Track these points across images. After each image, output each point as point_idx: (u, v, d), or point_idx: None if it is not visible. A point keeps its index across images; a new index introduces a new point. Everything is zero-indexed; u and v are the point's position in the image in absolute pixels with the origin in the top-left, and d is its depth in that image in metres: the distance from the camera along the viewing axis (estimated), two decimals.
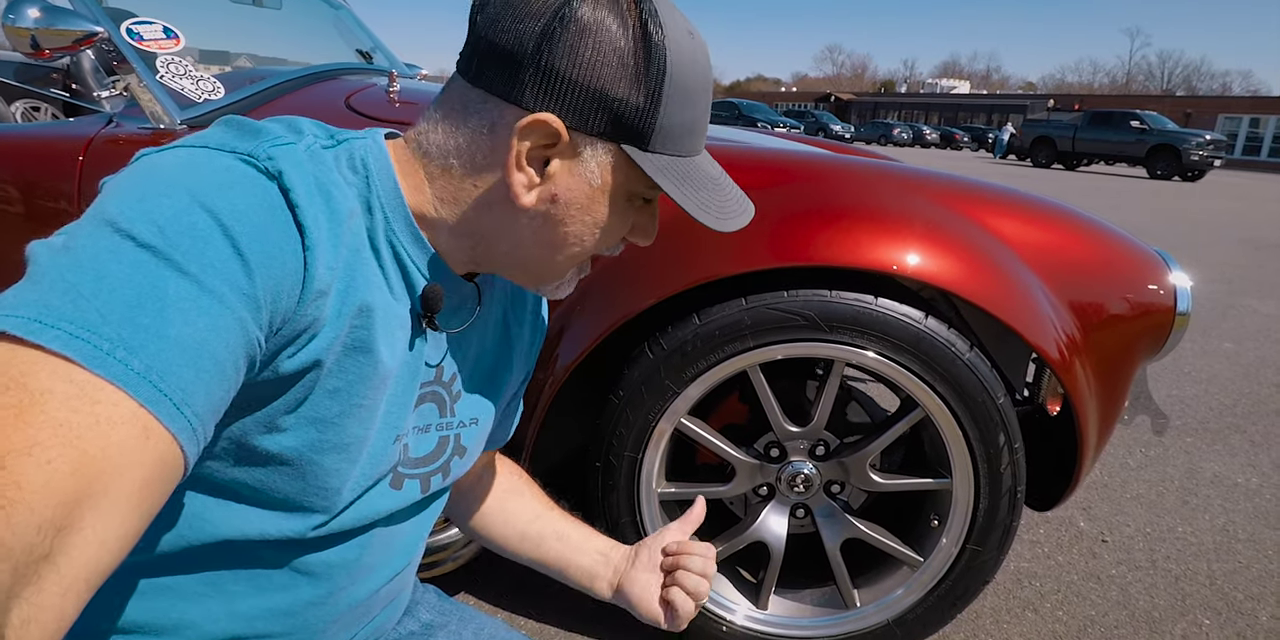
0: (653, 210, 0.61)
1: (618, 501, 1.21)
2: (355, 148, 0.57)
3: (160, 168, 0.47)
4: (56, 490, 0.34)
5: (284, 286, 0.47)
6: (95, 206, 0.44)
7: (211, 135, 0.51)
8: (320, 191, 0.51)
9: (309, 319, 0.49)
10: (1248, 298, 4.83)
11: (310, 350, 0.50)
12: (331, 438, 0.54)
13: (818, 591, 1.33)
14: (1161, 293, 1.25)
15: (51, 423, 0.35)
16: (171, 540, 0.54)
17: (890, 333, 1.12)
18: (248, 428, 0.51)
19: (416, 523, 0.68)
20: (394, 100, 1.57)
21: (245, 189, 0.47)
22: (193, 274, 0.42)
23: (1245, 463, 2.35)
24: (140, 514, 0.39)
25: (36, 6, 1.23)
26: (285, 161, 0.49)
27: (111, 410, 0.37)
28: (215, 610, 0.57)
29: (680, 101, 0.55)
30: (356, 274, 0.52)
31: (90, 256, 0.40)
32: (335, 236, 0.51)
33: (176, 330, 0.40)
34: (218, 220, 0.44)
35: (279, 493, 0.54)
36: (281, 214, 0.47)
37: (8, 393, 0.35)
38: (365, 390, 0.54)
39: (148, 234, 0.42)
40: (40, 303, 0.38)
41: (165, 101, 1.33)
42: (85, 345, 0.37)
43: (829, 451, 1.25)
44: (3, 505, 0.32)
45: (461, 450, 0.68)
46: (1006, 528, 1.20)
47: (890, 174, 1.29)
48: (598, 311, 1.15)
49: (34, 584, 0.33)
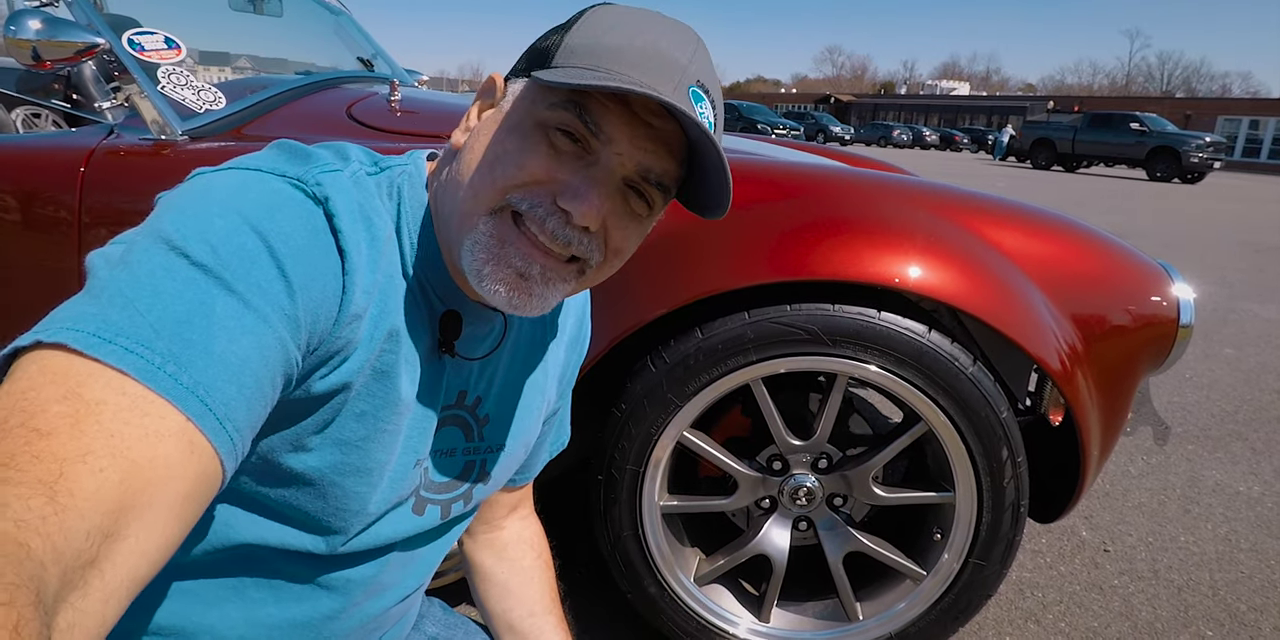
0: (589, 172, 0.52)
1: (620, 515, 1.21)
2: (396, 175, 0.58)
3: (215, 188, 0.49)
4: (106, 498, 0.35)
5: (323, 308, 0.48)
6: (152, 222, 0.46)
7: (264, 158, 0.53)
8: (362, 218, 0.52)
9: (343, 341, 0.51)
10: (1248, 302, 4.83)
11: (342, 372, 0.51)
12: (355, 461, 0.55)
13: (820, 604, 1.32)
14: (1164, 305, 1.25)
15: (104, 433, 0.36)
16: (196, 544, 0.55)
17: (893, 347, 1.12)
18: (275, 445, 0.53)
19: (434, 547, 0.69)
20: (395, 109, 1.56)
21: (293, 212, 0.48)
22: (240, 293, 0.44)
23: (1247, 471, 2.34)
24: (180, 525, 0.40)
25: (38, 18, 1.23)
26: (332, 187, 0.51)
27: (160, 423, 0.38)
28: (234, 616, 0.58)
29: (594, 26, 0.54)
30: (389, 299, 0.54)
31: (147, 272, 0.43)
32: (373, 262, 0.52)
33: (222, 347, 0.42)
34: (266, 242, 0.46)
35: (301, 510, 0.56)
36: (325, 238, 0.49)
37: (65, 402, 0.36)
38: (389, 415, 0.55)
39: (200, 253, 0.44)
40: (99, 317, 0.40)
41: (167, 112, 1.33)
42: (139, 359, 0.39)
43: (831, 464, 1.25)
44: (56, 511, 0.33)
45: (485, 476, 0.68)
46: (1009, 542, 1.20)
47: (891, 187, 1.28)
48: (600, 325, 1.15)
49: (80, 589, 0.33)
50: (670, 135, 0.53)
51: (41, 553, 0.31)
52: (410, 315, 0.55)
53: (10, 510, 0.31)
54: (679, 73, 0.52)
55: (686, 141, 0.54)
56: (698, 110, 0.52)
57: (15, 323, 0.40)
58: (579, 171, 0.52)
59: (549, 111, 0.52)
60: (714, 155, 0.53)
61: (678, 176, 0.56)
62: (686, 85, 0.52)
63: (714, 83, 0.56)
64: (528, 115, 0.53)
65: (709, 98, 0.54)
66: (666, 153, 0.54)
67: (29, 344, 0.39)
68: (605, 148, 0.52)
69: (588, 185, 0.52)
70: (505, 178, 0.52)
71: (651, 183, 0.54)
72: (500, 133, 0.54)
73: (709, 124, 0.53)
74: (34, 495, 0.32)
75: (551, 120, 0.52)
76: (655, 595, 1.24)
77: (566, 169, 0.52)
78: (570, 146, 0.52)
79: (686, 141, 0.54)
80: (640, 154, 0.53)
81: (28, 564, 0.30)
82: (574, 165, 0.52)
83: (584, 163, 0.53)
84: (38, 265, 1.28)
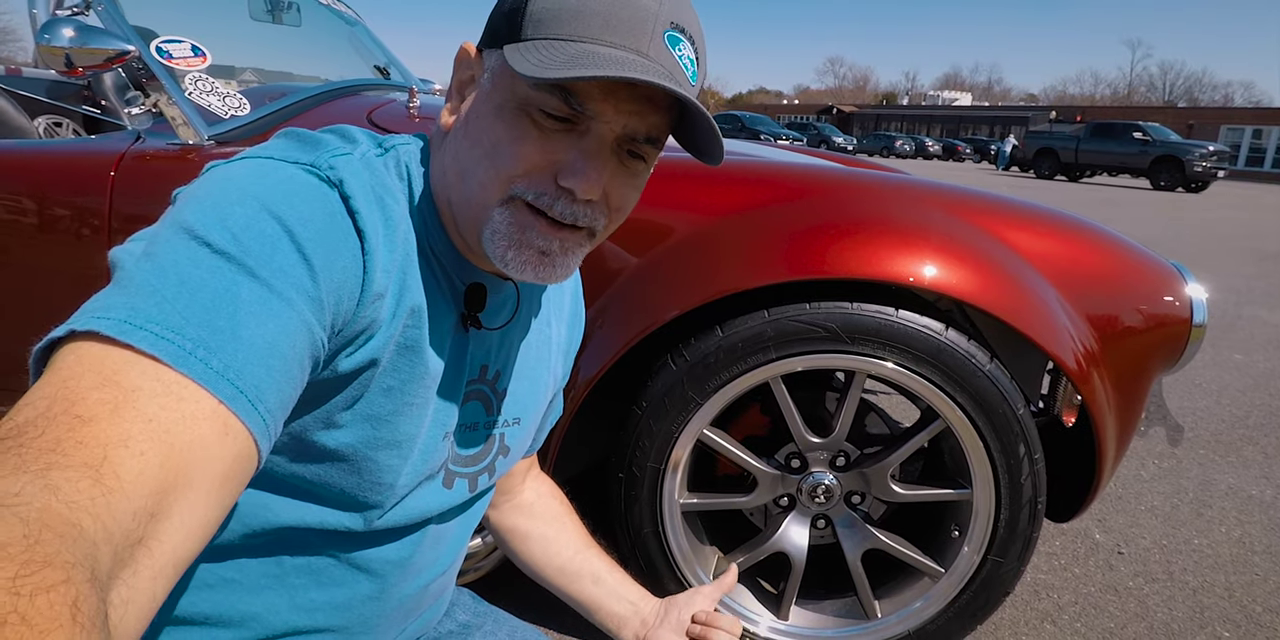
0: (582, 146, 0.53)
1: (640, 512, 1.22)
2: (401, 154, 0.60)
3: (231, 178, 0.50)
4: (150, 480, 0.36)
5: (345, 289, 0.49)
6: (172, 215, 0.47)
7: (275, 147, 0.54)
8: (376, 198, 0.53)
9: (367, 320, 0.52)
10: (1256, 308, 4.83)
11: (367, 350, 0.53)
12: (385, 435, 0.56)
13: (839, 602, 1.33)
14: (1177, 304, 1.26)
15: (142, 417, 0.37)
16: (236, 530, 0.56)
17: (912, 344, 1.13)
18: (307, 424, 0.54)
19: (462, 522, 0.71)
20: (414, 115, 1.59)
21: (310, 197, 0.49)
22: (263, 278, 0.45)
23: (1259, 474, 2.34)
24: (220, 505, 0.41)
25: (71, 26, 1.26)
26: (345, 170, 0.52)
27: (194, 407, 0.39)
28: (277, 603, 0.59)
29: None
30: (408, 276, 0.55)
31: (171, 262, 0.43)
32: (390, 241, 0.53)
33: (249, 332, 0.43)
34: (285, 227, 0.47)
35: (336, 487, 0.57)
36: (343, 221, 0.50)
37: (103, 389, 0.37)
38: (417, 389, 0.57)
39: (222, 240, 0.45)
40: (129, 306, 0.41)
41: (193, 118, 1.36)
42: (170, 345, 0.40)
43: (849, 462, 1.26)
44: (104, 492, 0.34)
45: (505, 449, 0.70)
46: (1027, 539, 1.21)
47: (906, 187, 1.30)
48: (620, 323, 1.17)
49: (130, 567, 0.34)
50: (653, 90, 0.53)
51: (94, 532, 0.32)
52: (430, 290, 0.57)
53: (61, 492, 0.32)
54: (651, 20, 0.52)
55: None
56: (676, 53, 0.53)
57: (49, 324, 0.41)
58: (572, 147, 0.53)
59: (531, 92, 0.53)
60: (695, 109, 0.53)
61: (667, 126, 0.56)
62: (661, 31, 0.52)
63: (690, 19, 0.55)
64: (511, 96, 0.54)
65: (686, 36, 0.54)
66: (651, 109, 0.54)
67: (64, 334, 0.40)
68: (592, 120, 0.53)
69: (583, 160, 0.53)
70: (506, 169, 0.54)
71: (641, 141, 0.55)
72: (489, 117, 0.55)
73: (689, 63, 0.54)
74: (82, 478, 0.33)
75: (534, 101, 0.53)
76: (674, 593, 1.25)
77: (560, 147, 0.53)
78: (558, 124, 0.53)
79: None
80: (626, 117, 0.53)
81: (81, 543, 0.31)
82: (566, 141, 0.53)
83: (575, 136, 0.53)
84: (69, 267, 1.31)
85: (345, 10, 2.23)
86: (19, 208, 1.33)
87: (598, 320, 1.18)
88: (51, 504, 0.31)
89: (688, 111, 0.55)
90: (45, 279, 1.34)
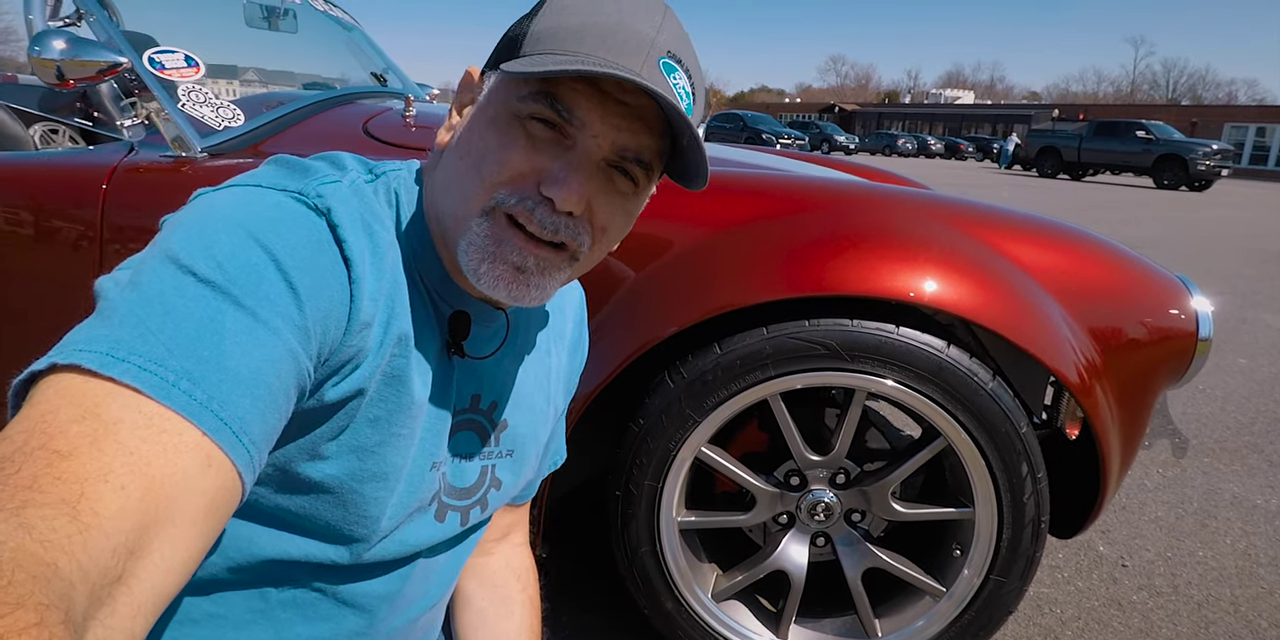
0: (567, 158, 0.53)
1: (637, 530, 1.20)
2: (391, 180, 0.59)
3: (218, 206, 0.49)
4: (130, 515, 0.35)
5: (332, 318, 0.49)
6: (158, 243, 0.47)
7: (264, 174, 0.53)
8: (364, 226, 0.53)
9: (354, 349, 0.51)
10: (1260, 311, 4.80)
11: (354, 379, 0.52)
12: (371, 467, 0.55)
13: (838, 621, 1.31)
14: (1183, 318, 1.24)
15: (124, 451, 0.37)
16: (220, 563, 0.55)
17: (912, 362, 1.12)
18: (292, 455, 0.53)
19: (453, 556, 0.70)
20: (410, 124, 1.58)
21: (296, 225, 0.49)
22: (249, 307, 0.44)
23: (1264, 483, 2.32)
24: (202, 539, 0.40)
25: (62, 38, 1.25)
26: (333, 198, 0.52)
27: (177, 439, 0.39)
28: (263, 638, 0.58)
29: (558, 8, 0.54)
30: (396, 304, 0.54)
31: (156, 292, 0.43)
32: (378, 269, 0.53)
33: (234, 362, 0.42)
34: (271, 255, 0.46)
35: (321, 520, 0.56)
36: (330, 249, 0.50)
37: (83, 422, 0.37)
38: (403, 419, 0.56)
39: (208, 269, 0.44)
40: (111, 338, 0.40)
41: (187, 129, 1.34)
42: (153, 377, 0.39)
43: (849, 480, 1.24)
44: (80, 530, 0.33)
45: (498, 482, 0.69)
46: (1030, 558, 1.19)
47: (907, 201, 1.29)
48: (618, 340, 1.15)
49: (108, 605, 0.34)
50: (646, 111, 0.53)
51: (69, 572, 0.31)
52: (418, 318, 0.56)
53: (36, 531, 0.31)
54: (647, 46, 0.52)
55: (664, 115, 0.54)
56: (671, 81, 0.52)
57: (38, 337, 0.41)
58: (558, 157, 0.53)
59: (521, 103, 0.53)
60: (685, 128, 0.52)
61: (659, 150, 0.56)
62: (656, 58, 0.52)
63: (687, 51, 0.55)
64: (503, 108, 0.54)
65: (682, 67, 0.54)
66: (644, 129, 0.54)
67: (45, 368, 0.39)
68: (581, 132, 0.53)
69: (567, 171, 0.52)
70: (491, 175, 0.53)
71: (630, 160, 0.54)
72: (480, 129, 0.55)
73: (684, 94, 0.53)
74: (58, 515, 0.32)
75: (525, 111, 0.53)
76: (672, 611, 1.24)
77: (545, 156, 0.53)
78: (547, 134, 0.53)
79: (664, 115, 0.54)
80: (615, 133, 0.53)
81: (56, 583, 0.30)
82: (553, 152, 0.53)
83: (562, 148, 0.53)
84: (59, 281, 1.29)
85: (342, 16, 2.22)
86: (12, 220, 1.31)
87: (595, 335, 1.17)
88: (25, 543, 0.31)
89: (678, 137, 0.55)
90: (38, 292, 1.33)
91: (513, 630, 0.78)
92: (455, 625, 0.80)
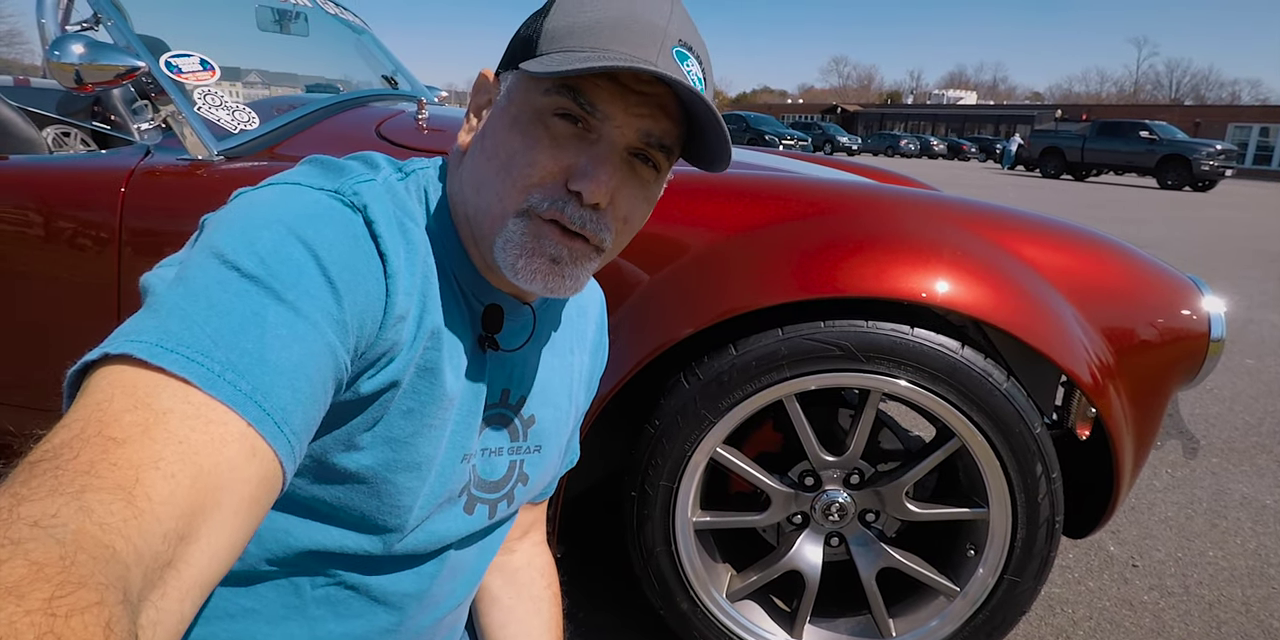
0: (592, 152, 0.54)
1: (653, 531, 1.21)
2: (421, 178, 0.61)
3: (259, 204, 0.51)
4: (180, 502, 0.36)
5: (369, 312, 0.50)
6: (203, 240, 0.48)
7: (301, 173, 0.55)
8: (398, 223, 0.55)
9: (389, 342, 0.52)
10: (1266, 311, 4.79)
11: (389, 372, 0.53)
12: (404, 457, 0.57)
13: (853, 621, 1.32)
14: (1194, 319, 1.25)
15: (174, 439, 0.38)
16: (257, 555, 0.56)
17: (926, 363, 1.12)
18: (328, 446, 0.54)
19: (481, 550, 0.71)
20: (423, 127, 1.59)
21: (334, 222, 0.50)
22: (290, 301, 0.45)
23: (1273, 483, 2.32)
24: (246, 527, 0.41)
25: (81, 43, 1.26)
26: (368, 196, 0.53)
27: (223, 429, 0.40)
28: (297, 634, 0.59)
29: (569, 5, 0.55)
30: (429, 299, 0.56)
31: (202, 286, 0.44)
32: (411, 264, 0.54)
33: (276, 355, 0.43)
34: (311, 251, 0.48)
35: (355, 510, 0.57)
36: (366, 244, 0.51)
37: (136, 412, 0.38)
38: (435, 410, 0.57)
39: (250, 265, 0.46)
40: (161, 329, 0.42)
41: (203, 133, 1.35)
42: (200, 368, 0.41)
43: (864, 480, 1.25)
44: (136, 514, 0.34)
45: (524, 478, 0.70)
46: (1044, 558, 1.19)
47: (919, 202, 1.29)
48: (634, 342, 1.16)
49: (159, 588, 0.35)
50: (663, 98, 0.55)
51: (125, 554, 0.32)
52: (449, 312, 0.58)
53: (94, 514, 0.32)
54: (660, 36, 0.54)
55: (680, 101, 0.56)
56: (684, 69, 0.54)
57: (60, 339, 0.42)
58: (583, 152, 0.55)
59: (544, 98, 0.54)
60: (706, 111, 0.54)
61: (679, 135, 0.58)
62: (669, 47, 0.54)
63: (697, 40, 0.57)
64: (525, 107, 0.55)
65: (694, 55, 0.56)
66: (663, 115, 0.56)
67: (98, 357, 0.41)
68: (605, 123, 0.54)
69: (594, 164, 0.54)
70: (523, 178, 0.55)
71: (654, 146, 0.56)
72: (504, 130, 0.56)
73: (697, 81, 0.55)
74: (115, 500, 0.34)
75: (548, 107, 0.54)
76: (688, 611, 1.24)
77: (572, 152, 0.55)
78: (570, 129, 0.55)
79: (680, 101, 0.56)
80: (637, 120, 0.55)
81: (114, 565, 0.31)
82: (578, 147, 0.55)
83: (586, 142, 0.55)
84: (80, 283, 1.30)
85: (353, 19, 2.23)
86: (33, 223, 1.32)
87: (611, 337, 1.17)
88: (86, 526, 0.32)
89: (694, 121, 0.57)
90: (58, 295, 1.34)
91: (541, 626, 0.80)
92: (481, 623, 0.81)
